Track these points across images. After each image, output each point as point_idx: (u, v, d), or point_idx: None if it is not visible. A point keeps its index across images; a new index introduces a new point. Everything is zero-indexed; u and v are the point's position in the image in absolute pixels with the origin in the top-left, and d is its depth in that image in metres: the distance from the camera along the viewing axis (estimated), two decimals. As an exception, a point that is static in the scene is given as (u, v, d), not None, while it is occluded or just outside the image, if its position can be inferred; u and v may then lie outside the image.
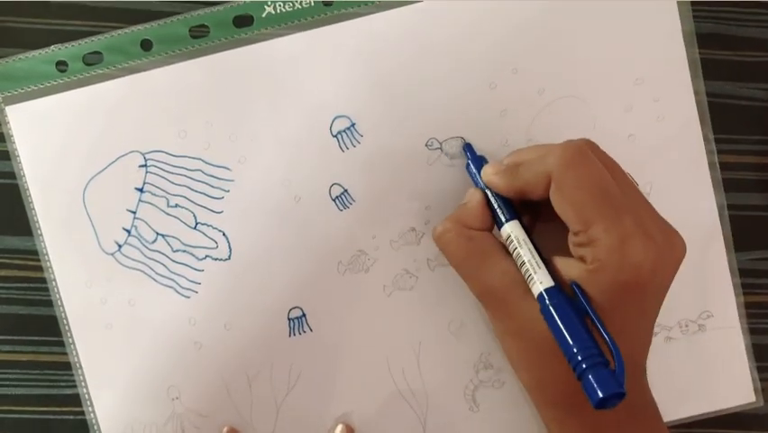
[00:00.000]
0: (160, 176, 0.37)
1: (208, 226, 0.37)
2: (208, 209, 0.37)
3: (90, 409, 0.38)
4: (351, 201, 0.37)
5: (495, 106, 0.37)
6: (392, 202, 0.37)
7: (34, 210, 0.37)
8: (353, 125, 0.37)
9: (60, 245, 0.37)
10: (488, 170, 0.34)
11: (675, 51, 0.37)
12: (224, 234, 0.37)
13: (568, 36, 0.37)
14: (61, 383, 0.38)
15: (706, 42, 0.38)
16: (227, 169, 0.37)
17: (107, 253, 0.37)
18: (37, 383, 0.39)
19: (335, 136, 0.37)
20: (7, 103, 0.37)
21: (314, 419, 0.38)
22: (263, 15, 0.37)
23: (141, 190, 0.37)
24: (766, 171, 0.40)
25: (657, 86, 0.37)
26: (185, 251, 0.37)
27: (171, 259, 0.37)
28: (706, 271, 0.38)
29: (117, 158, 0.37)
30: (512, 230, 0.33)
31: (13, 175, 0.37)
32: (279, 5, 0.37)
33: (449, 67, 0.37)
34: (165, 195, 0.37)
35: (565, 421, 0.33)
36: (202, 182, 0.37)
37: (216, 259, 0.37)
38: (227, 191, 0.37)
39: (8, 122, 0.37)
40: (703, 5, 0.39)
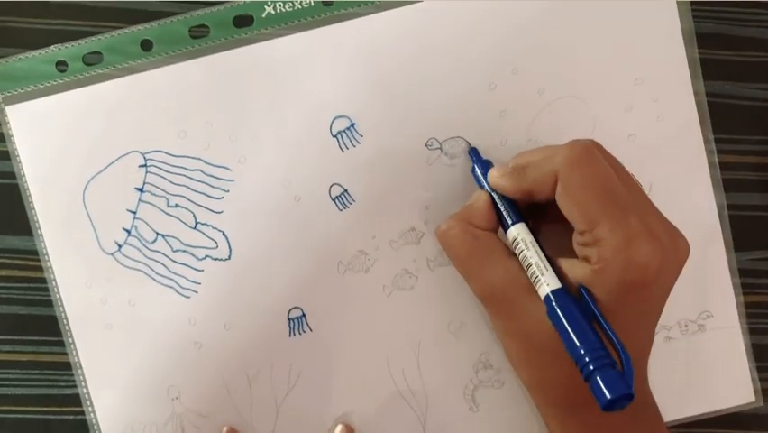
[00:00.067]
0: (160, 176, 0.37)
1: (208, 226, 0.37)
2: (208, 209, 0.37)
3: (90, 409, 0.38)
4: (351, 201, 0.37)
5: (495, 107, 0.37)
6: (392, 202, 0.37)
7: (34, 210, 0.37)
8: (353, 125, 0.37)
9: (60, 245, 0.37)
10: (494, 173, 0.34)
11: (675, 51, 0.37)
12: (224, 234, 0.37)
13: (568, 36, 0.37)
14: (61, 383, 0.38)
15: (706, 42, 0.38)
16: (227, 169, 0.37)
17: (107, 253, 0.37)
18: (37, 383, 0.39)
19: (335, 136, 0.37)
20: (7, 103, 0.37)
21: (314, 419, 0.38)
22: (263, 15, 0.37)
23: (141, 190, 0.37)
24: (766, 171, 0.40)
25: (657, 86, 0.37)
26: (185, 251, 0.37)
27: (171, 259, 0.37)
28: (706, 271, 0.38)
29: (117, 158, 0.37)
30: (519, 232, 0.33)
31: (13, 175, 0.37)
32: (279, 5, 0.37)
33: (449, 67, 0.37)
34: (165, 195, 0.37)
35: (566, 421, 0.33)
36: (202, 182, 0.37)
37: (216, 259, 0.37)
38: (227, 191, 0.37)
39: (8, 122, 0.37)
40: (703, 5, 0.39)
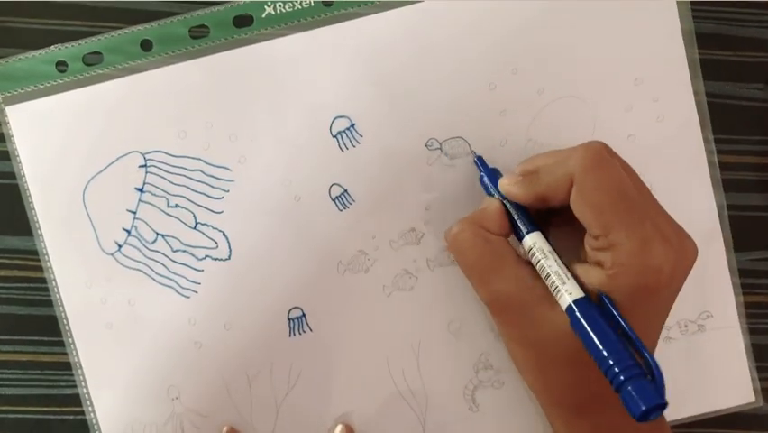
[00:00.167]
0: (160, 176, 0.37)
1: (208, 226, 0.37)
2: (208, 209, 0.37)
3: (90, 409, 0.38)
4: (350, 201, 0.37)
5: (495, 107, 0.37)
6: (392, 202, 0.37)
7: (34, 210, 0.37)
8: (353, 125, 0.37)
9: (60, 245, 0.37)
10: (505, 182, 0.33)
11: (675, 51, 0.37)
12: (224, 234, 0.37)
13: (568, 36, 0.37)
14: (61, 383, 0.38)
15: (706, 42, 0.38)
16: (227, 169, 0.37)
17: (107, 253, 0.37)
18: (37, 383, 0.39)
19: (335, 136, 0.37)
20: (7, 103, 0.37)
21: (314, 419, 0.38)
22: (263, 15, 0.37)
23: (141, 190, 0.37)
24: (766, 171, 0.40)
25: (657, 86, 0.37)
26: (185, 251, 0.37)
27: (171, 259, 0.37)
28: (705, 271, 0.38)
29: (117, 158, 0.37)
30: (534, 241, 0.32)
31: (13, 175, 0.37)
32: (279, 5, 0.37)
33: (449, 67, 0.37)
34: (165, 195, 0.37)
35: (571, 421, 0.33)
36: (202, 182, 0.37)
37: (216, 259, 0.37)
38: (227, 191, 0.37)
39: (8, 122, 0.37)
40: (703, 5, 0.39)
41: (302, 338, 0.37)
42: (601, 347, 0.29)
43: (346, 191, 0.37)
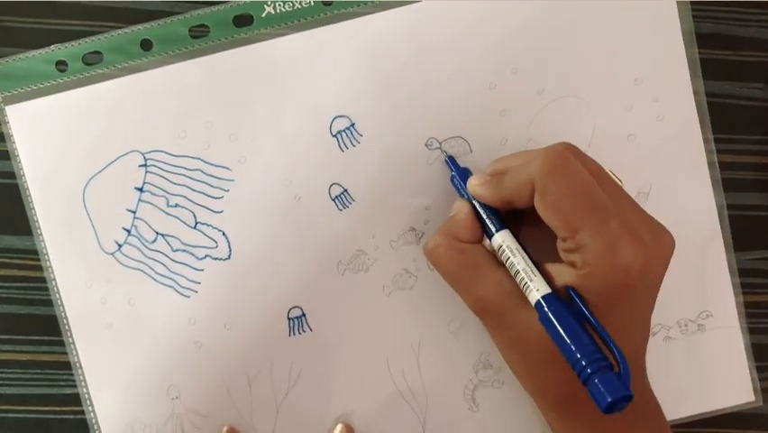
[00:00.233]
0: (160, 176, 0.37)
1: (208, 226, 0.37)
2: (208, 209, 0.37)
3: (90, 408, 0.38)
4: (350, 201, 0.37)
5: (495, 106, 0.37)
6: (392, 202, 0.37)
7: (34, 210, 0.37)
8: (353, 125, 0.37)
9: (60, 245, 0.37)
10: (473, 182, 0.34)
11: (675, 51, 0.37)
12: (224, 233, 0.37)
13: (568, 36, 0.37)
14: (61, 383, 0.38)
15: (706, 42, 0.38)
16: (227, 168, 0.37)
17: (107, 253, 0.37)
18: (37, 383, 0.39)
19: (335, 136, 0.37)
20: (7, 103, 0.37)
21: (314, 419, 0.38)
22: (263, 15, 0.37)
23: (140, 190, 0.37)
24: (766, 171, 0.40)
25: (657, 86, 0.37)
26: (185, 250, 0.37)
27: (171, 258, 0.37)
28: (705, 270, 0.38)
29: (117, 158, 0.37)
30: (503, 240, 0.32)
31: (13, 175, 0.37)
32: (279, 5, 0.37)
33: (449, 67, 0.37)
34: (165, 194, 0.37)
35: (569, 423, 0.33)
36: (202, 182, 0.37)
37: (216, 258, 0.37)
38: (227, 191, 0.37)
39: (8, 122, 0.37)
40: (703, 5, 0.39)
41: (302, 338, 0.37)
42: (568, 341, 0.29)
43: (346, 191, 0.37)
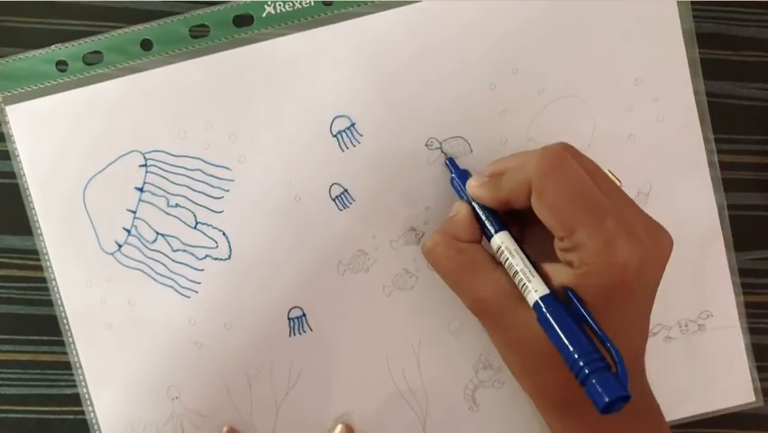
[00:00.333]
0: (160, 176, 0.37)
1: (208, 226, 0.37)
2: (208, 209, 0.37)
3: (90, 408, 0.38)
4: (350, 201, 0.37)
5: (495, 106, 0.37)
6: (392, 202, 0.37)
7: (34, 210, 0.37)
8: (353, 125, 0.37)
9: (60, 245, 0.37)
10: (472, 183, 0.34)
11: (675, 51, 0.37)
12: (224, 233, 0.37)
13: (568, 36, 0.37)
14: (61, 383, 0.38)
15: (706, 42, 0.38)
16: (227, 168, 0.37)
17: (107, 253, 0.37)
18: (37, 383, 0.39)
19: (335, 136, 0.37)
20: (7, 103, 0.37)
21: (314, 419, 0.38)
22: (263, 15, 0.37)
23: (141, 190, 0.37)
24: (766, 171, 0.40)
25: (657, 86, 0.37)
26: (185, 250, 0.37)
27: (171, 259, 0.37)
28: (706, 270, 0.38)
29: (117, 158, 0.37)
30: (502, 241, 0.33)
31: (13, 175, 0.37)
32: (279, 5, 0.37)
33: (449, 67, 0.37)
34: (165, 194, 0.37)
35: (567, 423, 0.33)
36: (202, 182, 0.37)
37: (216, 259, 0.37)
38: (227, 191, 0.37)
39: (8, 122, 0.37)
40: (703, 5, 0.39)
41: (302, 338, 0.37)
42: (566, 342, 0.29)
43: (346, 191, 0.37)
